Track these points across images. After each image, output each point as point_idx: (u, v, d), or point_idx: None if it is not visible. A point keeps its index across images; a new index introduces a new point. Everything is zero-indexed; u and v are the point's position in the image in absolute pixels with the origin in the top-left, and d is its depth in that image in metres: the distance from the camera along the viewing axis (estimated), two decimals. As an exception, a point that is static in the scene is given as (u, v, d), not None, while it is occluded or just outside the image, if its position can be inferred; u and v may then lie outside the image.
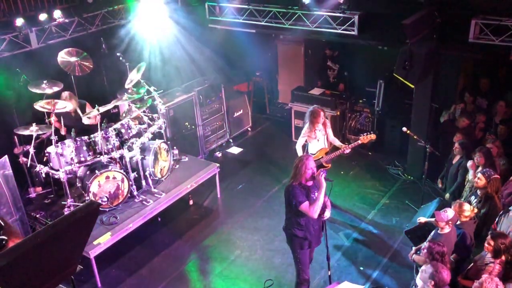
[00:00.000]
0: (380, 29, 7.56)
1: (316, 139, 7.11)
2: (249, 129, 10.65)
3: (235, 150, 9.94)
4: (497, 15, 6.44)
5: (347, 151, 6.89)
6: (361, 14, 7.49)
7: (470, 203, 5.75)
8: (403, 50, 6.78)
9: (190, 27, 9.35)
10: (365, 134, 6.85)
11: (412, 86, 7.55)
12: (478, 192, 5.85)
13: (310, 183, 5.11)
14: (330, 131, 7.24)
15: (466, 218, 5.33)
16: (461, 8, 6.79)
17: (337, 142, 7.20)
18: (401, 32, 6.66)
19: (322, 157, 7.09)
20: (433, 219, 5.37)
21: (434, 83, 7.75)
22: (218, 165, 8.05)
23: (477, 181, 5.76)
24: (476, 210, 5.53)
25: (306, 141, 7.19)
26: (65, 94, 7.19)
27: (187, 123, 8.94)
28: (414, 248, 5.59)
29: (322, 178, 4.97)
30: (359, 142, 6.82)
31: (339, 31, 7.76)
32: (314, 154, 7.11)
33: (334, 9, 7.69)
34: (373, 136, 6.83)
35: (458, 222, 5.36)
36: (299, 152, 7.06)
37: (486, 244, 4.86)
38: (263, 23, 8.52)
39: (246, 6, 8.57)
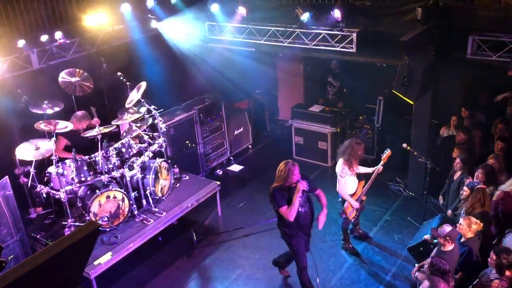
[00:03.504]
0: (378, 46, 7.61)
1: (353, 175, 6.81)
2: (249, 146, 10.67)
3: (236, 167, 9.94)
4: (494, 32, 6.50)
5: (381, 169, 6.79)
6: (359, 32, 7.56)
7: (461, 214, 5.81)
8: (402, 66, 6.82)
9: (191, 46, 9.44)
10: (385, 153, 6.79)
11: (412, 102, 7.58)
12: (466, 203, 5.91)
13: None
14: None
15: (473, 234, 5.30)
16: (459, 24, 6.85)
17: (368, 169, 6.96)
18: (399, 49, 6.71)
19: (361, 192, 6.89)
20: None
21: (433, 99, 7.78)
22: (218, 183, 8.04)
23: (463, 193, 5.99)
24: (482, 224, 5.48)
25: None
26: (80, 113, 7.36)
27: (187, 142, 8.96)
28: (417, 265, 5.55)
29: (299, 185, 5.53)
30: (383, 162, 6.75)
31: (337, 48, 7.82)
32: (355, 192, 6.85)
33: (332, 27, 7.75)
34: (389, 153, 6.79)
35: (463, 240, 5.33)
36: (347, 197, 6.77)
37: (489, 259, 4.83)
38: (262, 42, 8.60)
39: (245, 26, 8.65)
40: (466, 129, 7.65)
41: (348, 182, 6.76)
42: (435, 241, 5.57)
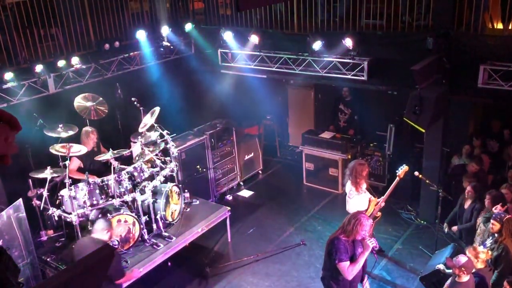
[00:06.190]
0: (390, 75, 7.68)
1: (361, 193, 6.86)
2: (260, 172, 10.67)
3: (246, 193, 9.93)
4: (506, 61, 6.54)
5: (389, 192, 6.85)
6: (370, 60, 7.64)
7: (484, 245, 5.67)
8: (413, 95, 6.87)
9: (203, 73, 9.60)
10: (400, 169, 6.78)
11: (423, 130, 7.59)
12: (496, 235, 5.76)
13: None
14: None
15: (482, 264, 5.22)
16: (469, 54, 6.92)
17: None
18: (411, 78, 6.77)
19: (374, 209, 6.91)
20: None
21: (445, 127, 7.79)
22: (229, 208, 8.01)
23: (492, 227, 5.72)
24: (490, 253, 5.40)
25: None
26: (87, 128, 7.42)
27: (198, 166, 8.99)
28: (430, 295, 5.45)
29: (368, 242, 4.87)
30: (398, 178, 6.76)
31: (348, 76, 7.90)
32: (366, 209, 6.83)
33: (343, 55, 7.86)
34: (406, 168, 6.79)
35: (473, 270, 5.24)
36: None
37: None
38: (274, 69, 8.72)
39: (257, 53, 8.80)
40: (479, 159, 7.61)
41: (357, 201, 6.81)
42: (448, 271, 5.49)
